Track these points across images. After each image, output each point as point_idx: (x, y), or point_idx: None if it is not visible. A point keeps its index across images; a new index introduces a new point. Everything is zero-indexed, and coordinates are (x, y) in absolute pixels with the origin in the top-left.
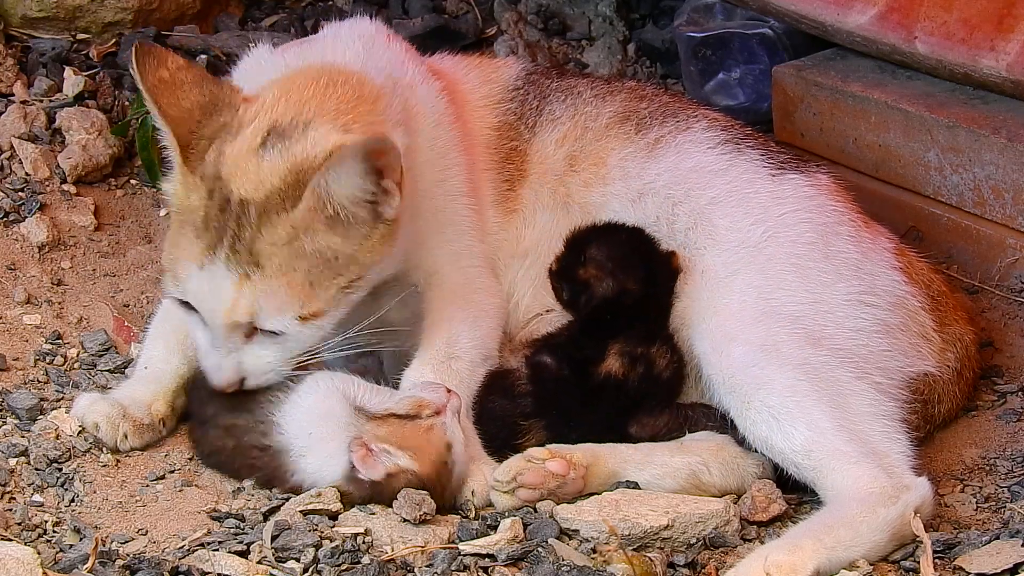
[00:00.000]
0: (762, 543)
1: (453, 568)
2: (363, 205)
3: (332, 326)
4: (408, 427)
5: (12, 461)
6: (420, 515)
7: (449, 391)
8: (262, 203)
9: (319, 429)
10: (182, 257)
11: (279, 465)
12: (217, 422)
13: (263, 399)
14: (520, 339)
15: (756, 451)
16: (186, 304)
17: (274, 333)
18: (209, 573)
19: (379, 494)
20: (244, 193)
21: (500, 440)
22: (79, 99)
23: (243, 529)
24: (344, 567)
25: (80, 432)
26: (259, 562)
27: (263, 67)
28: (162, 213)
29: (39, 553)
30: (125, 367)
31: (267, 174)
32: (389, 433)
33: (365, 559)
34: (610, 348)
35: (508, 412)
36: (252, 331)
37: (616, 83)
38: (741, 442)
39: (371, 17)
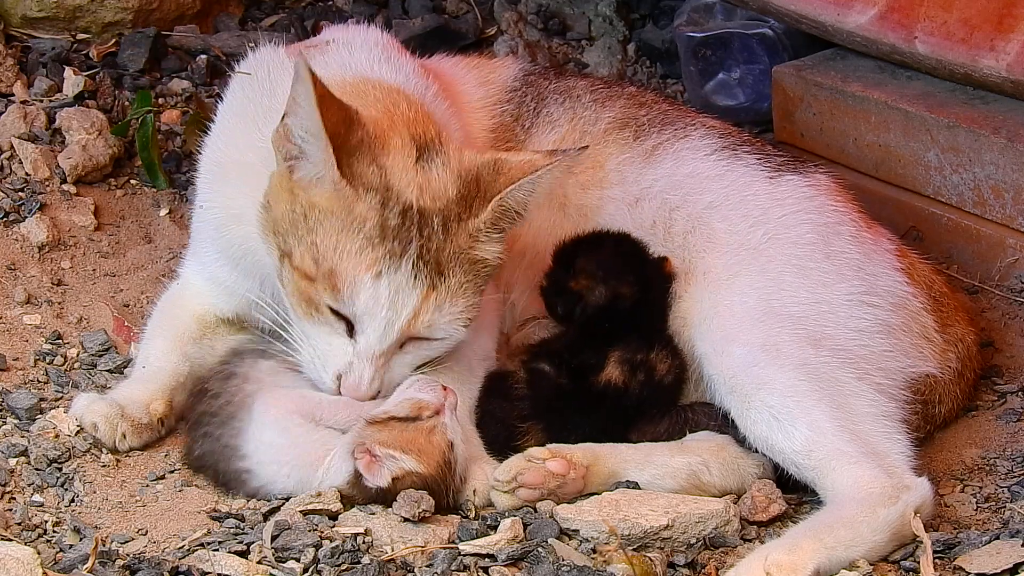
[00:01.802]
0: (762, 543)
1: (453, 568)
2: (522, 216)
3: (468, 335)
4: (411, 429)
5: (12, 461)
6: (419, 512)
7: (445, 388)
8: (443, 212)
9: (295, 458)
10: (347, 267)
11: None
12: (192, 450)
13: (227, 428)
14: (516, 342)
15: (756, 451)
16: (333, 312)
17: (430, 340)
18: (209, 573)
19: (383, 497)
20: (424, 203)
21: (499, 442)
22: (79, 99)
23: (243, 529)
24: (344, 567)
25: (79, 432)
26: (259, 562)
27: (274, 72)
28: (162, 213)
29: (39, 553)
30: (125, 367)
31: (442, 185)
32: (392, 437)
33: (365, 559)
34: (609, 356)
35: (506, 414)
36: (406, 341)
37: (615, 88)
38: (742, 442)
39: (371, 22)
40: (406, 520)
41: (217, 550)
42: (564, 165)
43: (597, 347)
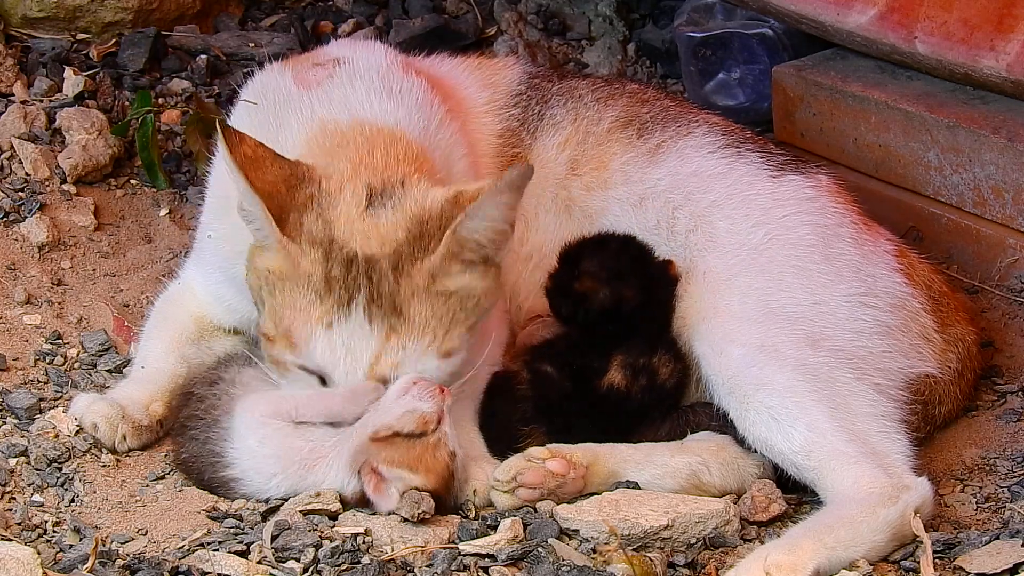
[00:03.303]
0: (762, 543)
1: (453, 568)
2: (495, 242)
3: (458, 366)
4: (417, 446)
5: (12, 461)
6: (419, 513)
7: (442, 389)
8: (392, 256)
9: (283, 467)
10: (298, 321)
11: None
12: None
13: (213, 432)
14: (521, 342)
15: (756, 451)
16: (301, 368)
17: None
18: (209, 573)
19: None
20: (369, 250)
21: (502, 443)
22: (79, 99)
23: (243, 529)
24: (344, 567)
25: (78, 432)
26: (259, 562)
27: (279, 105)
28: (162, 213)
29: (39, 553)
30: (125, 367)
31: (389, 230)
32: (399, 455)
33: (365, 559)
34: (612, 360)
35: (509, 416)
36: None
37: (617, 86)
38: (742, 442)
39: (371, 22)
40: (406, 520)
41: (217, 550)
42: (512, 186)
43: (600, 350)
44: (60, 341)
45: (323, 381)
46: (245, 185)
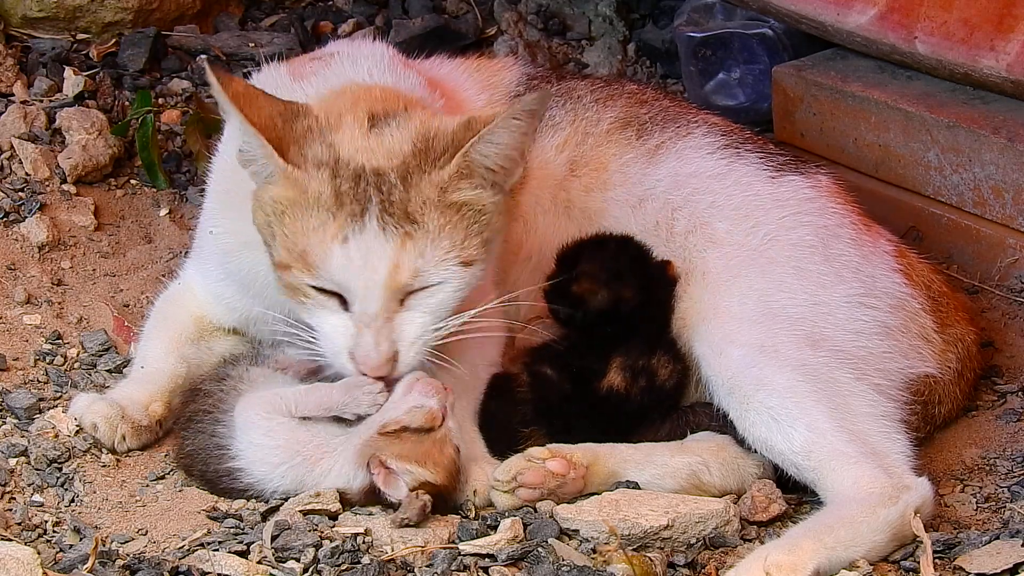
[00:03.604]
0: (762, 543)
1: (453, 568)
2: (505, 170)
3: (479, 279)
4: (425, 441)
5: (12, 461)
6: (423, 514)
7: (445, 387)
8: (400, 168)
9: (287, 458)
10: (313, 241)
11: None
12: (184, 447)
13: (219, 426)
14: (518, 345)
15: (756, 452)
16: (319, 291)
17: (429, 288)
18: (209, 573)
19: (395, 505)
20: (376, 163)
21: (501, 445)
22: (79, 99)
23: (243, 529)
24: (344, 567)
25: (78, 432)
26: (259, 562)
27: (281, 92)
28: (162, 213)
29: (39, 553)
30: (125, 367)
31: (395, 144)
32: (407, 449)
33: (365, 559)
34: (611, 362)
35: (509, 419)
36: (404, 297)
37: (616, 87)
38: (742, 442)
39: (371, 22)
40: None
41: (217, 550)
42: (526, 111)
43: (599, 352)
44: (60, 341)
45: (342, 302)
46: (241, 119)
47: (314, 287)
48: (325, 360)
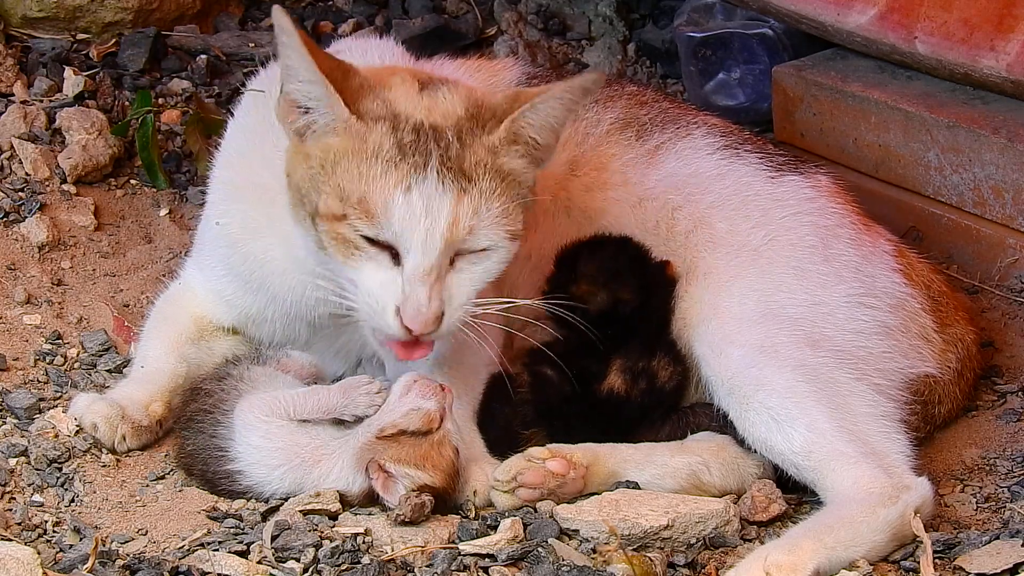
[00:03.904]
0: (762, 543)
1: (453, 568)
2: (547, 146)
3: (516, 251)
4: (423, 444)
5: (12, 461)
6: (418, 513)
7: (443, 388)
8: (455, 127)
9: (286, 461)
10: (376, 189)
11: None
12: (185, 447)
13: (220, 427)
14: (518, 346)
15: (756, 452)
16: (372, 243)
17: (479, 253)
18: (209, 573)
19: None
20: (435, 120)
21: (501, 446)
22: (79, 99)
23: (243, 529)
24: (344, 567)
25: (78, 432)
26: (259, 562)
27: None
28: (162, 213)
29: (39, 553)
30: (125, 367)
31: (449, 106)
32: (405, 453)
33: (365, 559)
34: (612, 365)
35: (509, 420)
36: (454, 258)
37: (616, 87)
38: (742, 442)
39: (371, 22)
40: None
41: (217, 550)
42: (579, 87)
43: (599, 353)
44: (60, 341)
45: (395, 258)
46: (311, 63)
47: (368, 238)
48: (361, 318)
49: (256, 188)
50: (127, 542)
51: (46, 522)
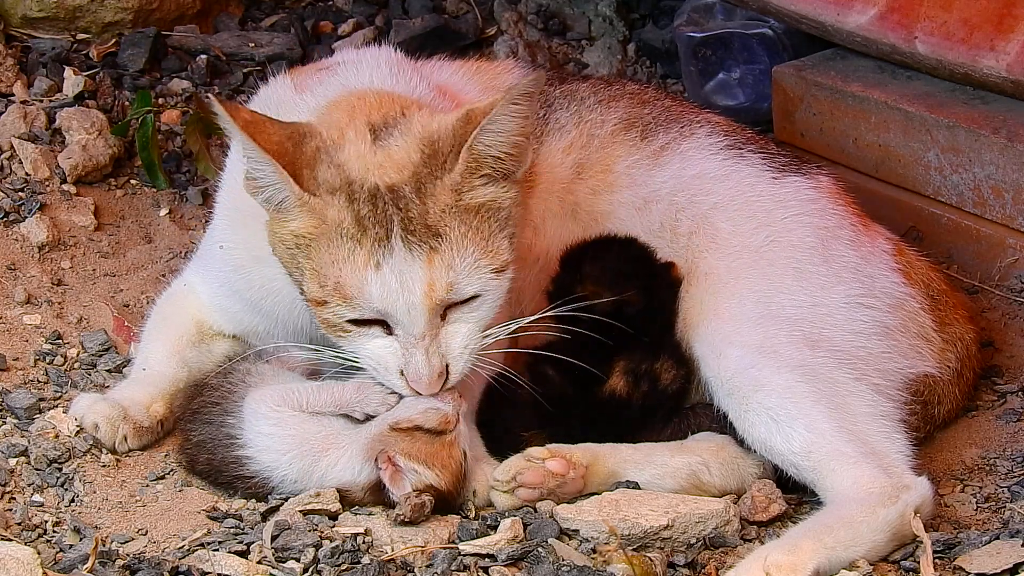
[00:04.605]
0: (762, 543)
1: (453, 568)
2: (513, 157)
3: (511, 280)
4: (436, 443)
5: (12, 461)
6: (419, 513)
7: (460, 395)
8: (412, 180)
9: (296, 447)
10: (347, 273)
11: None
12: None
13: (228, 416)
14: (523, 344)
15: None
16: (356, 323)
17: (469, 302)
18: (209, 573)
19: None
20: (389, 180)
21: (502, 446)
22: (79, 99)
23: (243, 529)
24: (344, 567)
25: (79, 432)
26: (259, 562)
27: (283, 110)
28: (162, 213)
29: (39, 553)
30: (124, 367)
31: (403, 155)
32: (416, 448)
33: (365, 559)
34: (615, 366)
35: (510, 421)
36: (445, 312)
37: (618, 87)
38: (741, 443)
39: (371, 22)
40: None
41: (217, 550)
42: (522, 94)
43: (602, 354)
44: (60, 341)
45: (384, 327)
46: (254, 147)
47: (353, 320)
48: (375, 377)
49: (260, 215)
50: (127, 542)
51: (46, 522)
